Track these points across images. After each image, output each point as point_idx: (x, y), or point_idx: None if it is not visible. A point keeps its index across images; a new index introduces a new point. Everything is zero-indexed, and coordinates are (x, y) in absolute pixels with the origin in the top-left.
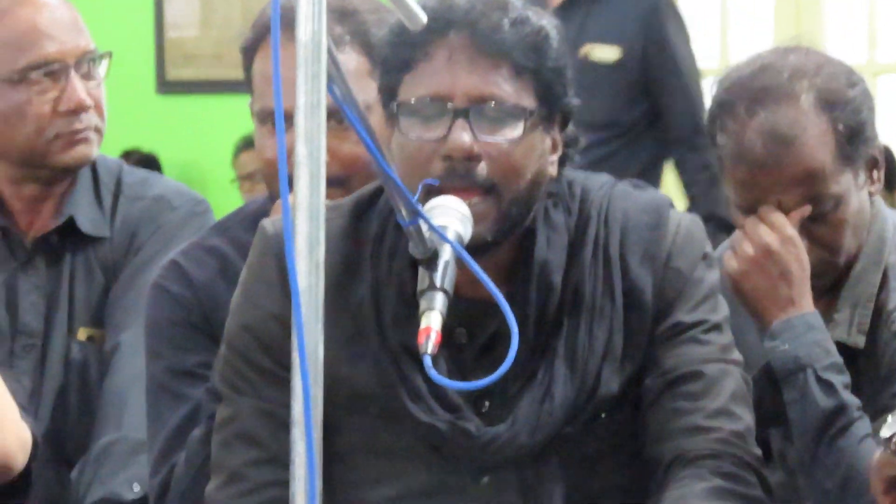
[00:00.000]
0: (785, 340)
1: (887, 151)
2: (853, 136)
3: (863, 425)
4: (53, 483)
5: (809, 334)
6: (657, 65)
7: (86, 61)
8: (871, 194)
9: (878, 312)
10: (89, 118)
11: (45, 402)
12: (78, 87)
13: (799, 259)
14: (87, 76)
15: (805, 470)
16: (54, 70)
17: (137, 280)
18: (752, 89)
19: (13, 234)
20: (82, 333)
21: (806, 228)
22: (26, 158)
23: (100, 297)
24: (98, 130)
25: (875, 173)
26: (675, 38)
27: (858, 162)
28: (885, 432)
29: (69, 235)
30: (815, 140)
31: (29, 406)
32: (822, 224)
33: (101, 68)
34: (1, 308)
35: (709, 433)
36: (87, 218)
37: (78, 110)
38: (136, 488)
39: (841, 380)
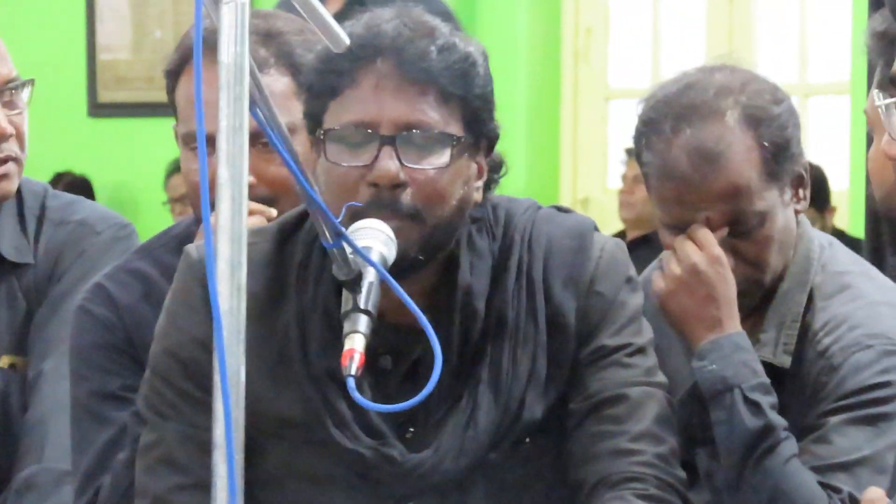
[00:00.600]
0: (712, 361)
1: (815, 170)
2: (778, 152)
3: (789, 445)
4: None
5: (737, 354)
6: None
7: (7, 89)
8: (797, 212)
9: (804, 332)
10: (10, 147)
11: None
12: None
13: (726, 279)
14: (8, 104)
15: (732, 490)
16: None
17: (60, 307)
18: (678, 106)
19: None
20: (4, 360)
21: (732, 245)
22: None
23: (23, 323)
24: (17, 160)
25: (801, 191)
26: None
27: (784, 179)
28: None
29: None
30: (741, 156)
31: None
32: (747, 241)
33: (24, 95)
34: None
35: (632, 456)
36: (11, 245)
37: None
38: None
39: (768, 400)
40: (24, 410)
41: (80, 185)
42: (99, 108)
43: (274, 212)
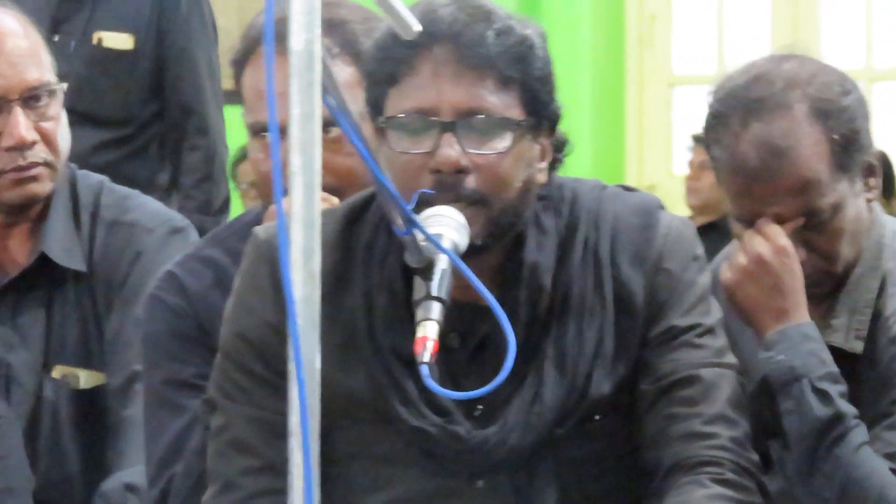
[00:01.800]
0: (780, 351)
1: (884, 158)
2: (848, 144)
3: (860, 433)
4: None
5: (804, 344)
6: (170, 57)
7: (32, 95)
8: (868, 201)
9: (876, 318)
10: (35, 154)
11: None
12: (20, 123)
13: (792, 269)
14: (37, 111)
15: (803, 479)
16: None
17: (130, 312)
18: (746, 100)
19: None
20: (57, 371)
21: (803, 237)
22: None
23: (79, 334)
24: (49, 165)
25: (872, 180)
26: (193, 33)
27: (854, 170)
28: None
29: (44, 267)
30: (810, 150)
31: None
32: (819, 233)
33: (58, 104)
34: None
35: (707, 439)
36: (62, 248)
37: (20, 147)
38: None
39: (837, 389)
40: (73, 423)
41: None
42: None
43: (337, 200)
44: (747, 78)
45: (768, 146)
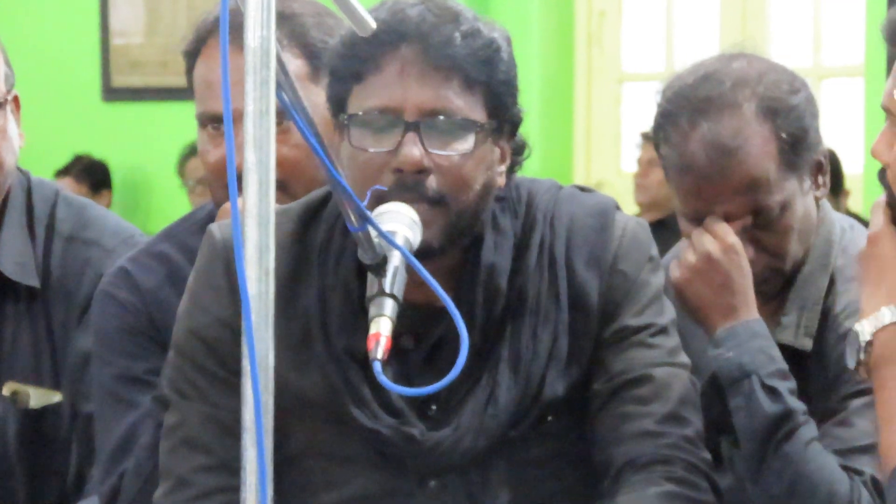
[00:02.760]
0: (729, 348)
1: (832, 156)
2: (797, 142)
3: (809, 429)
4: None
5: (753, 341)
6: None
7: None
8: (816, 199)
9: (825, 315)
10: None
11: None
12: None
13: (740, 267)
14: None
15: (752, 476)
16: None
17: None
18: (695, 99)
19: None
20: (7, 389)
21: (752, 236)
22: None
23: (30, 351)
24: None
25: (820, 178)
26: None
27: (803, 168)
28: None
29: None
30: (758, 149)
31: None
32: (768, 231)
33: (7, 113)
34: None
35: (659, 438)
36: (15, 262)
37: None
38: None
39: (786, 385)
40: (20, 442)
41: (97, 168)
42: (113, 93)
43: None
44: (696, 77)
45: (717, 145)
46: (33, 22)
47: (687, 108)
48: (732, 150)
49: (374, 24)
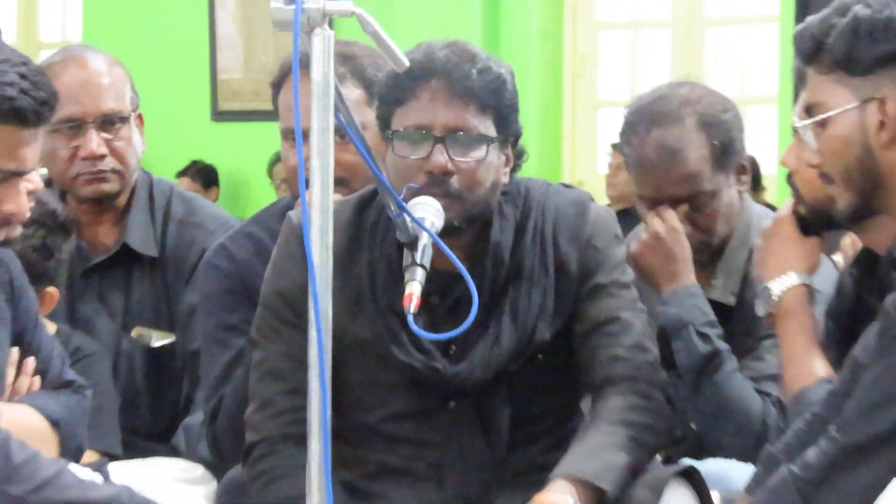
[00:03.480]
0: (672, 305)
1: (753, 161)
2: (725, 149)
3: (732, 363)
4: None
5: (690, 300)
6: None
7: (107, 120)
8: (739, 192)
9: (745, 279)
10: (105, 164)
11: (105, 393)
12: (92, 140)
13: (681, 243)
14: (113, 132)
15: (690, 400)
16: (74, 126)
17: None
18: (650, 113)
19: (80, 250)
20: (134, 332)
21: (689, 218)
22: (65, 190)
23: (152, 305)
24: (116, 172)
25: (743, 177)
26: None
27: (729, 168)
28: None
29: (125, 252)
30: (696, 152)
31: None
32: (701, 214)
33: (131, 127)
34: (64, 315)
35: (628, 362)
36: (140, 239)
37: (91, 158)
38: None
39: (715, 332)
40: (145, 373)
41: (208, 171)
42: (219, 115)
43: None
44: (652, 97)
45: (665, 147)
46: (161, 63)
47: (644, 119)
48: (676, 151)
49: (407, 63)
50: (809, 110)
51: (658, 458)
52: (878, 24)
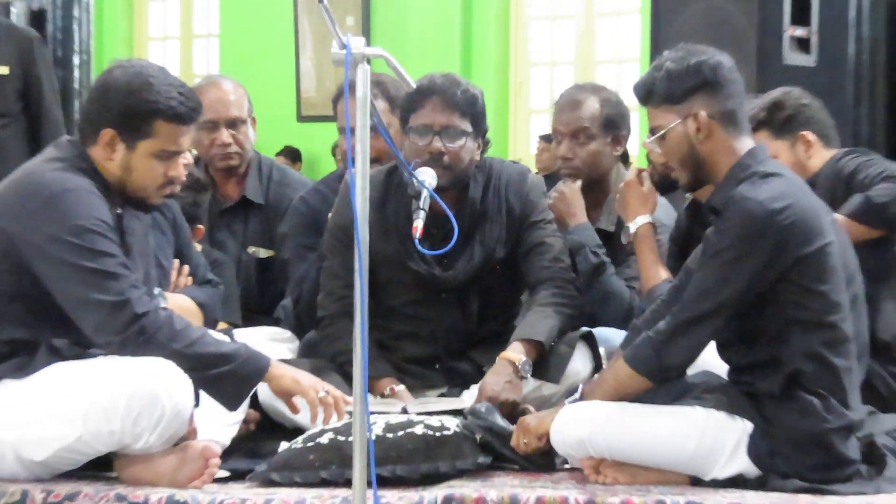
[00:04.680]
0: (575, 234)
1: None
2: (609, 120)
3: (611, 269)
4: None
5: (585, 231)
6: (29, 82)
7: (232, 122)
8: (616, 158)
9: (619, 217)
10: (231, 149)
11: (230, 287)
12: (223, 135)
13: (578, 198)
14: (232, 129)
15: (587, 292)
16: (213, 126)
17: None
18: (575, 86)
19: (217, 201)
20: (251, 249)
21: (573, 149)
22: (207, 164)
23: (260, 232)
24: (237, 154)
25: (618, 147)
26: (41, 71)
27: (609, 134)
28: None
29: (244, 202)
30: (590, 109)
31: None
32: (581, 149)
33: (248, 126)
34: (208, 240)
35: (550, 269)
36: (253, 193)
37: (222, 146)
38: None
39: (601, 250)
40: (258, 275)
41: (294, 152)
42: (302, 118)
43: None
44: (571, 88)
45: (574, 99)
46: (271, 87)
47: (568, 88)
48: (579, 102)
49: (414, 86)
50: (653, 131)
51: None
52: (682, 70)
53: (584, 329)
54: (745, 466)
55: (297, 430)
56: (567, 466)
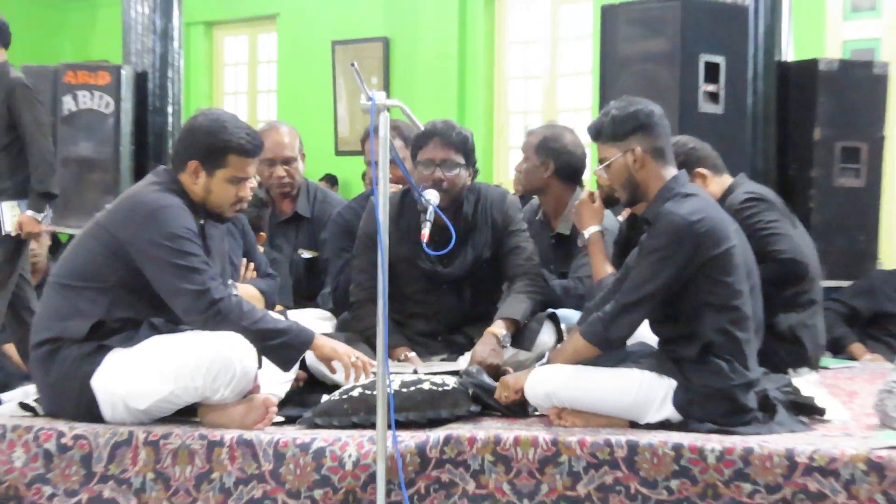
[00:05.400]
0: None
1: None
2: (547, 148)
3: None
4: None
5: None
6: (15, 118)
7: (287, 160)
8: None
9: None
10: (284, 180)
11: (285, 279)
12: (278, 170)
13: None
14: (286, 165)
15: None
16: (272, 162)
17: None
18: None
19: (275, 215)
20: (301, 252)
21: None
22: (268, 188)
23: (307, 238)
24: (291, 184)
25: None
26: (22, 108)
27: (549, 162)
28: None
29: (296, 216)
30: (531, 147)
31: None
32: (521, 172)
33: (298, 162)
34: (268, 245)
35: (524, 265)
36: (303, 209)
37: (279, 178)
38: None
39: (560, 250)
40: (304, 274)
41: (333, 179)
42: (339, 153)
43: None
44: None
45: (527, 139)
46: (317, 131)
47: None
48: (528, 134)
49: (423, 128)
50: (601, 161)
51: None
52: (623, 116)
53: (550, 310)
54: (670, 413)
55: (334, 386)
56: (537, 414)
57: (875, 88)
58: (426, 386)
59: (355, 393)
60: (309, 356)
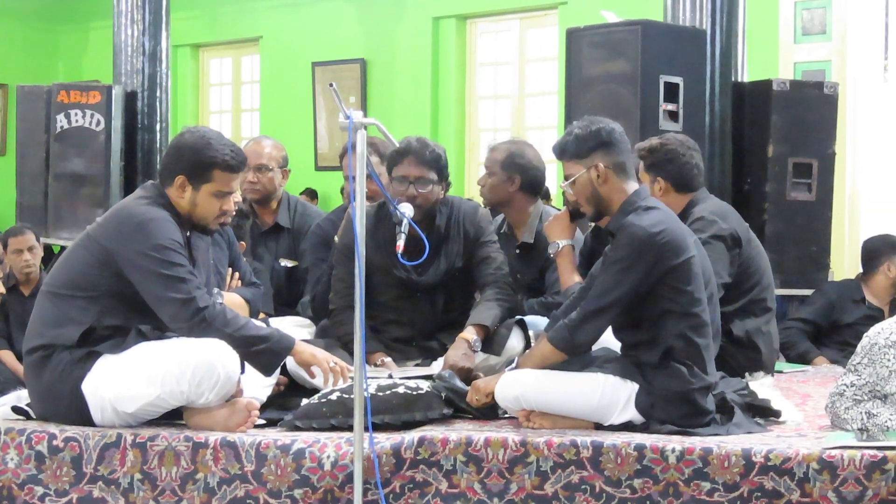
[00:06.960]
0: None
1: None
2: (513, 164)
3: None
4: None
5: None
6: None
7: (259, 168)
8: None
9: (537, 234)
10: (257, 186)
11: (266, 288)
12: (249, 175)
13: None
14: (258, 172)
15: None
16: (251, 169)
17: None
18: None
19: (257, 225)
20: (281, 261)
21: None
22: (246, 196)
23: (287, 248)
24: (259, 190)
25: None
26: None
27: (515, 178)
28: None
29: (277, 227)
30: (496, 161)
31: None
32: (485, 188)
33: (275, 172)
34: (250, 253)
35: (494, 275)
36: (284, 221)
37: (251, 183)
38: None
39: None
40: (286, 281)
41: (312, 192)
42: (318, 168)
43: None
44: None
45: (493, 161)
46: (300, 147)
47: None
48: (491, 151)
49: (398, 145)
50: (566, 178)
51: None
52: (586, 134)
53: (518, 317)
54: (633, 415)
55: (314, 390)
56: (507, 416)
57: (825, 107)
58: (401, 390)
59: (334, 397)
60: (289, 361)
